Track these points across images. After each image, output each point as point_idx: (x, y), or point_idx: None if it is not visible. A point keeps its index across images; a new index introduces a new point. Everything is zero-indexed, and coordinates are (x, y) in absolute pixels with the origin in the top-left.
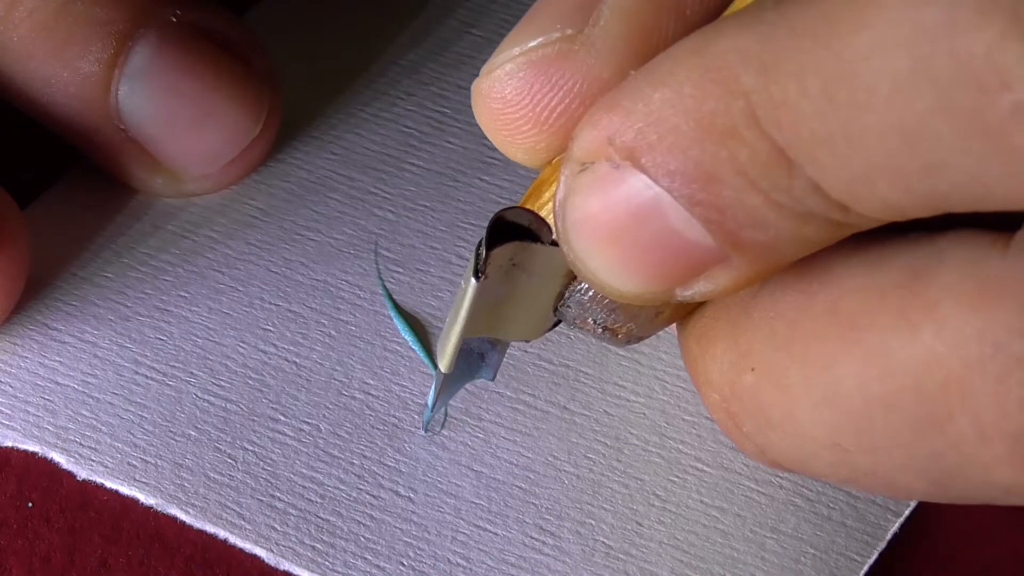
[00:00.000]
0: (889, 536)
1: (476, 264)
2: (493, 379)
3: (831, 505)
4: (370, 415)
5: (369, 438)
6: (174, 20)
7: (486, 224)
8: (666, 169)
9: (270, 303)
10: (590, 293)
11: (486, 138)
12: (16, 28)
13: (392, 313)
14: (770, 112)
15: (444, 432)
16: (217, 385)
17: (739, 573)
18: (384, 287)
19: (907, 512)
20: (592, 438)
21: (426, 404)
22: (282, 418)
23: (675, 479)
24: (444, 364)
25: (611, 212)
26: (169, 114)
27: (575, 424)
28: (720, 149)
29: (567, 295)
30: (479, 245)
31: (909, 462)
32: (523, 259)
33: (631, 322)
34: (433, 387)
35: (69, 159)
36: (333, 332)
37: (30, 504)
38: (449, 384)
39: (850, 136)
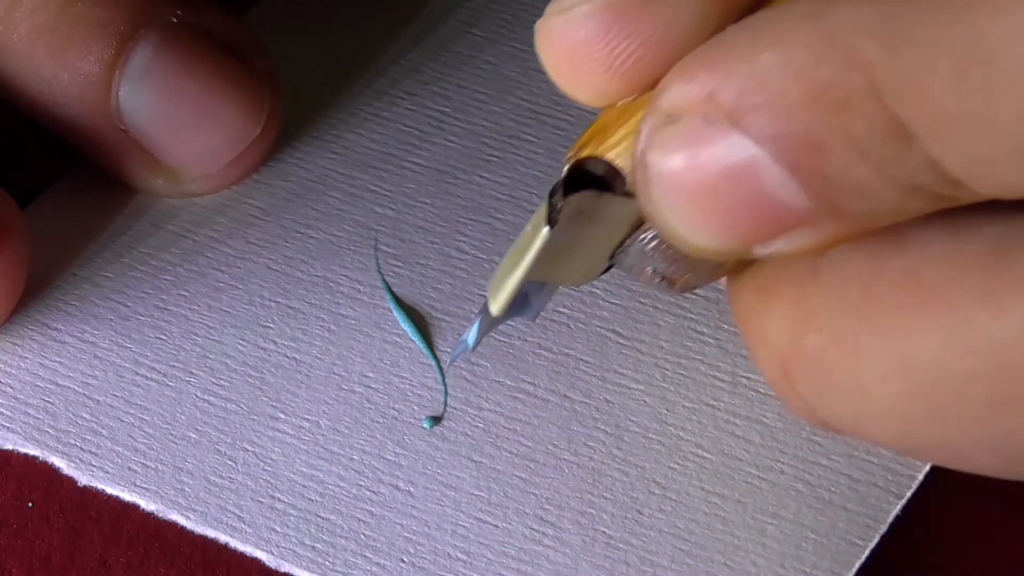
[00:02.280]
0: (891, 519)
1: (550, 212)
2: (534, 319)
3: (832, 489)
4: (370, 408)
5: (369, 432)
6: (174, 20)
7: (486, 220)
8: (770, 133)
9: (270, 300)
10: (653, 243)
11: (486, 137)
12: (16, 29)
13: (392, 305)
14: (894, 86)
15: (444, 423)
16: (217, 384)
17: (740, 561)
18: (384, 280)
19: (908, 495)
20: (592, 426)
21: (463, 340)
22: (282, 416)
23: (675, 466)
24: (497, 307)
25: (700, 169)
26: (170, 115)
27: (575, 412)
28: (833, 118)
29: (628, 243)
30: (552, 193)
31: (983, 438)
32: (591, 207)
33: (691, 273)
34: (476, 327)
35: (69, 159)
36: (333, 327)
37: (30, 504)
38: (492, 323)
39: (981, 119)
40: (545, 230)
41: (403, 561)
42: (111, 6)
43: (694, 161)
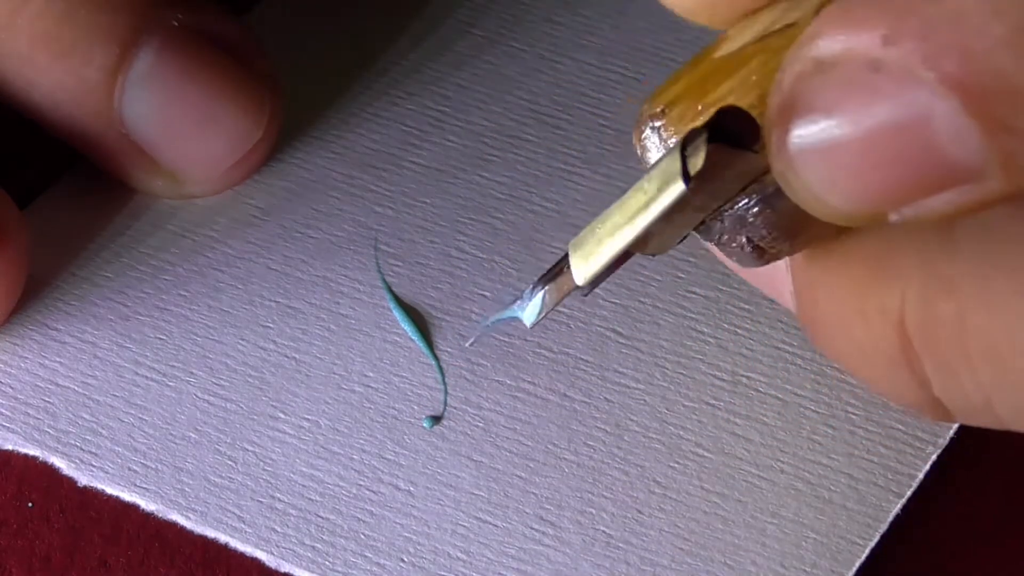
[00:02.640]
0: (891, 518)
1: (684, 165)
2: (587, 295)
3: (832, 488)
4: (369, 408)
5: (369, 431)
6: (176, 24)
7: (486, 219)
8: (961, 78)
9: (270, 300)
10: (757, 208)
11: (486, 136)
12: (19, 35)
13: (391, 305)
14: None
15: (444, 422)
16: (217, 384)
17: (740, 560)
18: (383, 279)
19: (908, 494)
20: (592, 425)
21: (511, 314)
22: (282, 416)
23: (675, 465)
24: (586, 275)
25: (863, 124)
26: (172, 119)
27: (575, 412)
28: None
29: (727, 208)
30: (684, 145)
31: None
32: (717, 164)
33: (788, 242)
34: (536, 300)
35: (69, 159)
36: (333, 326)
37: (30, 504)
38: (564, 295)
39: None
40: (680, 187)
41: (403, 561)
42: (113, 12)
43: (856, 115)
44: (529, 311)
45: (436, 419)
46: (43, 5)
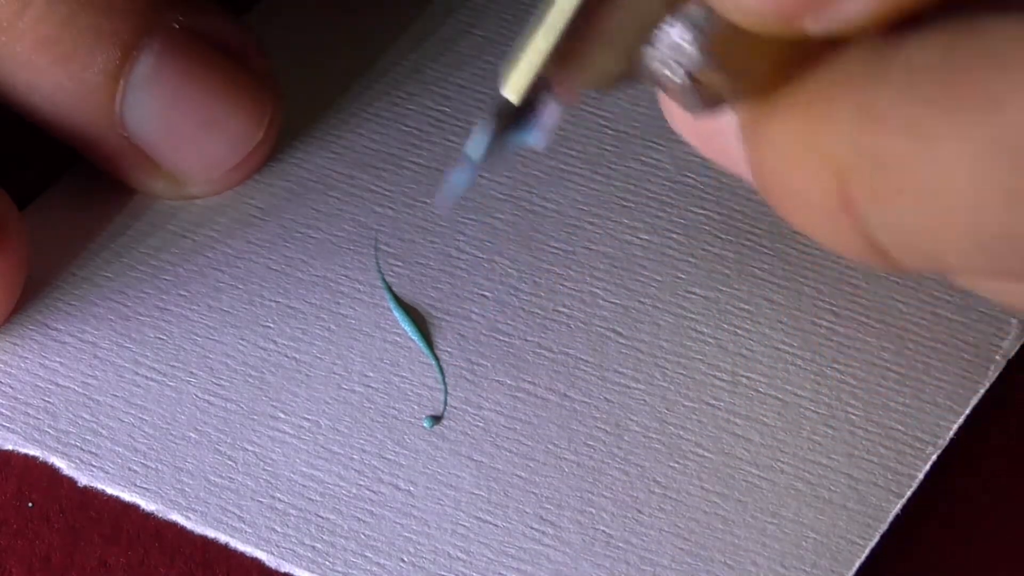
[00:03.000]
0: (891, 518)
1: None
2: (544, 146)
3: (832, 488)
4: (370, 407)
5: (369, 431)
6: (176, 27)
7: (486, 219)
8: None
9: (270, 300)
10: (688, 33)
11: None
12: (20, 39)
13: (392, 305)
14: None
15: (444, 422)
16: (217, 384)
17: (740, 560)
18: (384, 280)
19: (909, 494)
20: (592, 425)
21: (463, 155)
22: (282, 415)
23: (675, 465)
24: (515, 89)
25: None
26: (173, 122)
27: (575, 412)
28: None
29: (660, 33)
30: None
31: None
32: None
33: (721, 73)
34: (478, 131)
35: (69, 159)
36: (333, 326)
37: (30, 504)
38: (497, 140)
39: None
40: None
41: (403, 560)
42: (115, 16)
43: None
44: (473, 145)
45: (436, 419)
46: (44, 9)
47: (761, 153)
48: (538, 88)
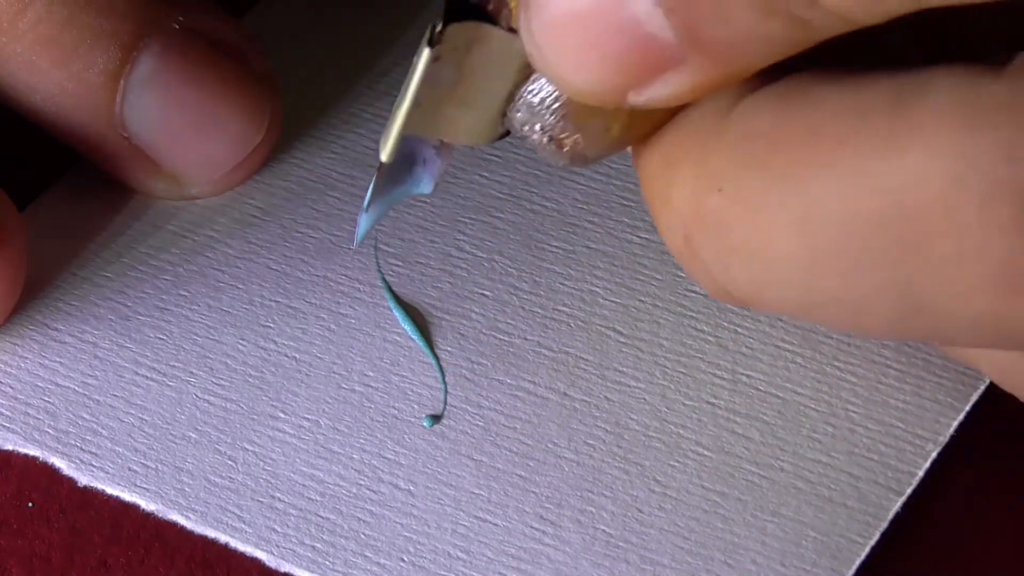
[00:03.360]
0: (891, 516)
1: (431, 35)
2: (431, 191)
3: (832, 487)
4: (369, 407)
5: (369, 431)
6: (176, 28)
7: (486, 218)
8: None
9: (270, 300)
10: (541, 95)
11: None
12: (20, 39)
13: (391, 304)
14: None
15: (444, 421)
16: (217, 384)
17: (740, 559)
18: (383, 279)
19: (909, 492)
20: (592, 424)
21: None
22: (282, 415)
23: (675, 464)
24: (385, 152)
25: (577, 2)
26: (174, 123)
27: (575, 411)
28: None
29: (518, 97)
30: (434, 23)
31: (881, 288)
32: (480, 44)
33: (578, 133)
34: (371, 184)
35: (69, 159)
36: (333, 326)
37: (30, 504)
38: (387, 189)
39: None
40: (426, 51)
41: (403, 560)
42: (115, 16)
43: None
44: (366, 202)
45: (436, 418)
46: (45, 9)
47: (642, 187)
48: (418, 146)
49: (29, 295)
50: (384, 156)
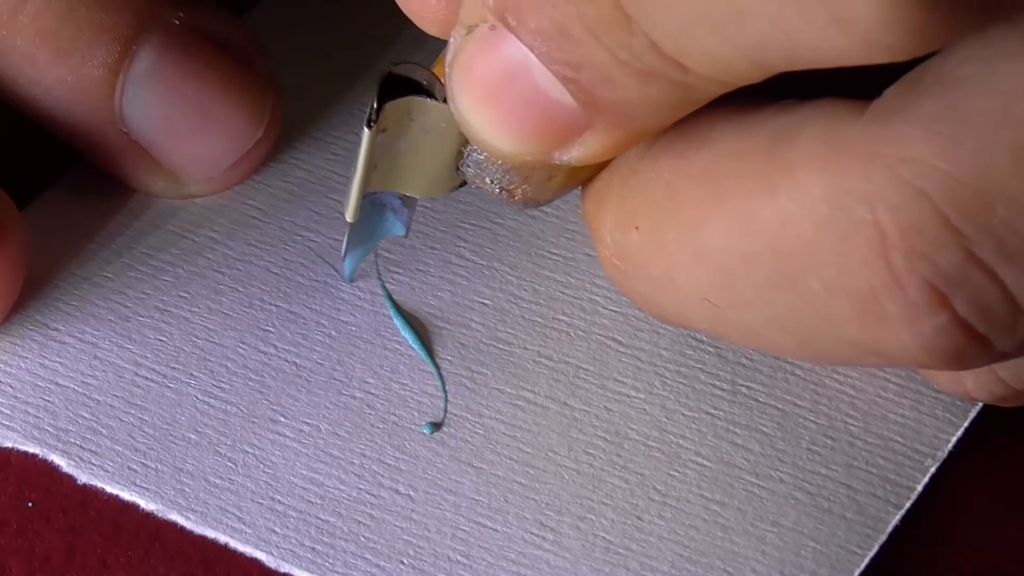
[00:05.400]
0: (890, 529)
1: (369, 115)
2: (406, 235)
3: (831, 498)
4: (370, 413)
5: (369, 437)
6: (176, 23)
7: (486, 225)
8: (528, 27)
9: (270, 304)
10: (485, 153)
11: None
12: (20, 33)
13: (392, 312)
14: None
15: (444, 429)
16: (217, 387)
17: (739, 568)
18: (384, 287)
19: (907, 505)
20: (592, 433)
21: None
22: (282, 419)
23: (675, 473)
24: (348, 214)
25: (487, 70)
26: (173, 119)
27: (575, 420)
28: (570, 6)
29: (466, 154)
30: (372, 102)
31: (773, 319)
32: (420, 115)
33: (525, 184)
34: (345, 238)
35: (69, 159)
36: (333, 332)
37: (30, 504)
38: (363, 236)
39: None
40: (365, 131)
41: (403, 563)
42: (114, 10)
43: (483, 64)
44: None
45: (436, 426)
46: (44, 3)
47: (587, 224)
48: (385, 198)
49: (29, 295)
50: (349, 217)
